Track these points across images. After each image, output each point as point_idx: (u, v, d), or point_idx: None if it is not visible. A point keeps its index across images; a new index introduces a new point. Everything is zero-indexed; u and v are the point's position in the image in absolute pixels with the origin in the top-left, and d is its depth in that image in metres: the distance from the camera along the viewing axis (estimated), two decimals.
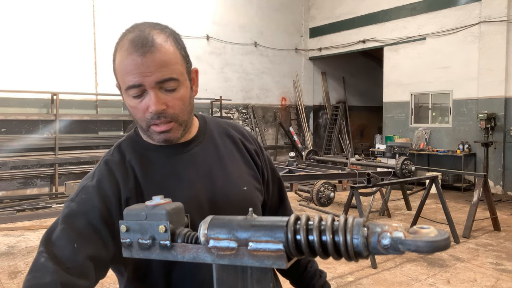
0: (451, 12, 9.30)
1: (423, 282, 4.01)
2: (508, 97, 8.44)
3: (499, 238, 5.44)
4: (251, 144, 1.15)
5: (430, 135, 9.83)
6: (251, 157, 1.13)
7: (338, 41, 11.88)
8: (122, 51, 0.92)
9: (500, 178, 8.61)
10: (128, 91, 0.93)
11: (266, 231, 0.67)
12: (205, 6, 10.40)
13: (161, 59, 0.90)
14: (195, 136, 1.07)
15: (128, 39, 0.92)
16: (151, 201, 0.77)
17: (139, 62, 0.89)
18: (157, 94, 0.91)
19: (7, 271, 4.27)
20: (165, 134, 0.96)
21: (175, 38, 0.98)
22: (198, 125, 1.10)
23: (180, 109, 0.96)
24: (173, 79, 0.92)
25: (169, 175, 1.00)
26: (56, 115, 7.90)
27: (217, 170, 1.05)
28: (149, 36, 0.91)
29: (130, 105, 0.96)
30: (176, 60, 0.94)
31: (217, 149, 1.09)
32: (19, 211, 6.82)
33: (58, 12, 8.21)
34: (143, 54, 0.89)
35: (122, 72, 0.93)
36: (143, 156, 1.02)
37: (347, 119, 13.26)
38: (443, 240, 0.57)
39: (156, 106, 0.91)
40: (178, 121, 0.97)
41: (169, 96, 0.93)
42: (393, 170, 6.05)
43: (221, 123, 1.17)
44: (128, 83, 0.91)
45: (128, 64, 0.90)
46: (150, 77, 0.90)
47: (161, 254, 0.75)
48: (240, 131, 1.17)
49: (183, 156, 1.03)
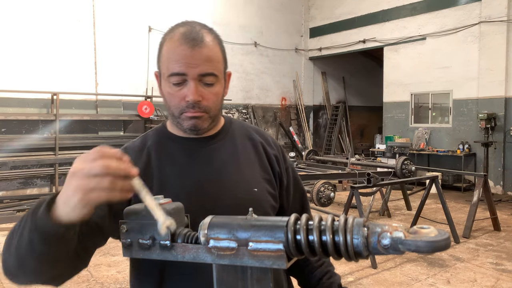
0: (451, 12, 9.30)
1: (423, 282, 4.01)
2: (508, 97, 8.44)
3: (499, 238, 5.43)
4: (272, 149, 1.17)
5: (430, 135, 9.83)
6: (269, 162, 1.14)
7: (338, 41, 11.88)
8: (172, 41, 0.99)
9: (500, 178, 8.61)
10: (170, 77, 0.99)
11: (266, 231, 0.67)
12: (205, 6, 10.40)
13: (207, 55, 0.99)
14: (216, 133, 1.12)
15: (179, 31, 1.00)
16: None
17: (188, 53, 0.97)
18: (196, 85, 0.99)
19: None
20: (195, 120, 1.02)
21: (219, 40, 1.06)
22: (223, 124, 1.15)
23: (213, 103, 1.03)
24: (214, 74, 1.00)
25: (181, 165, 1.05)
26: (56, 115, 7.90)
27: (230, 168, 1.08)
28: (199, 32, 1.00)
29: (168, 91, 1.02)
30: (218, 59, 1.02)
31: (235, 149, 1.12)
32: (19, 211, 6.82)
33: (58, 12, 8.21)
34: (193, 47, 0.97)
35: (168, 60, 0.99)
36: (163, 144, 1.09)
37: (347, 119, 13.25)
38: (443, 240, 0.57)
39: (194, 96, 0.98)
40: (209, 113, 1.03)
41: (206, 90, 1.01)
42: (393, 170, 6.05)
43: (245, 126, 1.21)
44: (173, 70, 0.98)
45: (177, 53, 0.98)
46: (195, 68, 0.97)
47: (161, 254, 0.75)
48: (263, 135, 1.20)
49: (200, 150, 1.08)
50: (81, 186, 0.69)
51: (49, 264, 0.78)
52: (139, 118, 8.90)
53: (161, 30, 9.58)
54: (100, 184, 0.68)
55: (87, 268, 4.36)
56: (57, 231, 0.73)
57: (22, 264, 0.78)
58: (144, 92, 9.35)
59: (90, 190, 0.68)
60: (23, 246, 0.76)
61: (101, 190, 0.68)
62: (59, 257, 0.78)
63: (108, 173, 0.68)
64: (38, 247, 0.74)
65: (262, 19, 11.59)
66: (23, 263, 0.78)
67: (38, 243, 0.74)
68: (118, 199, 0.71)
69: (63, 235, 0.74)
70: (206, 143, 1.09)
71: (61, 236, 0.74)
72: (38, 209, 0.74)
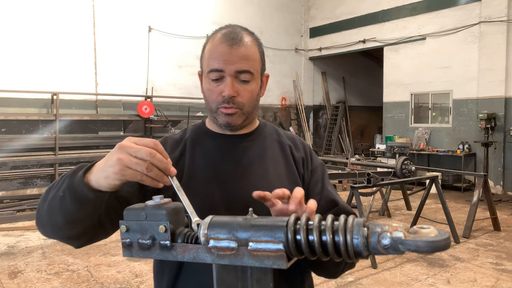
0: (451, 12, 9.30)
1: (423, 282, 4.01)
2: (508, 97, 8.44)
3: (499, 238, 5.44)
4: (299, 152, 1.21)
5: (430, 135, 9.83)
6: (296, 165, 1.18)
7: (338, 41, 11.88)
8: (214, 40, 1.08)
9: (500, 178, 8.61)
10: (209, 74, 1.06)
11: (266, 231, 0.67)
12: (205, 6, 10.40)
13: (244, 53, 1.05)
14: (250, 133, 1.18)
15: (221, 32, 1.08)
16: (151, 201, 0.77)
17: (226, 51, 1.04)
18: (232, 81, 1.05)
19: (7, 271, 4.28)
20: (229, 116, 1.08)
21: (259, 43, 1.13)
22: (257, 126, 1.21)
23: (247, 100, 1.08)
24: (249, 72, 1.06)
25: (211, 159, 1.12)
26: (56, 115, 7.90)
27: (256, 168, 1.13)
28: (239, 33, 1.07)
29: (207, 88, 1.09)
30: (255, 58, 1.09)
31: (264, 150, 1.17)
32: (19, 211, 6.82)
33: (58, 12, 8.21)
34: (231, 45, 1.04)
35: (209, 57, 1.07)
36: (199, 138, 1.17)
37: (347, 119, 13.25)
38: (443, 240, 0.57)
39: (230, 91, 1.04)
40: (243, 110, 1.08)
41: (242, 86, 1.07)
42: (393, 170, 6.05)
43: (278, 131, 1.26)
44: (212, 66, 1.05)
45: (216, 51, 1.05)
46: (232, 65, 1.04)
47: (161, 254, 0.75)
48: (293, 139, 1.24)
49: (231, 147, 1.14)
50: (123, 161, 0.76)
51: (72, 224, 0.87)
52: (139, 118, 8.90)
53: (161, 30, 9.60)
54: (139, 166, 0.76)
55: (87, 268, 4.36)
56: (86, 194, 0.81)
57: (51, 216, 0.87)
58: (144, 92, 9.35)
59: (128, 166, 0.76)
60: (56, 200, 0.85)
61: (137, 170, 0.76)
62: (82, 219, 0.86)
63: (150, 160, 0.76)
64: (68, 204, 0.83)
65: (262, 19, 11.59)
66: (52, 215, 0.87)
67: (68, 201, 0.83)
68: (148, 183, 0.78)
69: (91, 200, 0.82)
70: (238, 141, 1.15)
71: (89, 200, 0.82)
72: (78, 171, 0.83)
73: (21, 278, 4.08)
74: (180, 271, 1.05)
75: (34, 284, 3.93)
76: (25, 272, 4.24)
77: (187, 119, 9.58)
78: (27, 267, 4.39)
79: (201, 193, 1.05)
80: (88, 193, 0.81)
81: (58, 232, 0.90)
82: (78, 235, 0.92)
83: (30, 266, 4.41)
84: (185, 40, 9.99)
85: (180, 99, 9.82)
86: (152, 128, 9.16)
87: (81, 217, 0.86)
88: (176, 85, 9.97)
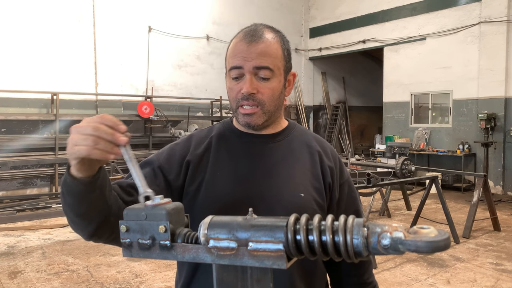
0: (451, 12, 9.30)
1: (423, 282, 4.01)
2: (508, 97, 8.44)
3: (499, 238, 5.44)
4: (329, 160, 1.17)
5: (430, 135, 9.83)
6: (322, 172, 1.14)
7: (338, 41, 11.88)
8: (235, 39, 1.08)
9: (500, 178, 8.61)
10: (230, 72, 1.06)
11: (266, 231, 0.67)
12: (205, 6, 10.40)
13: (263, 49, 1.03)
14: (277, 133, 1.15)
15: (243, 31, 1.08)
16: (151, 201, 0.77)
17: (245, 48, 1.03)
18: (251, 78, 1.03)
19: (7, 271, 4.27)
20: (248, 117, 1.06)
21: (282, 39, 1.10)
22: (285, 127, 1.18)
23: (268, 97, 1.05)
24: (269, 68, 1.04)
25: (236, 158, 1.11)
26: (56, 115, 7.90)
27: (280, 170, 1.10)
28: (260, 30, 1.06)
29: (228, 86, 1.08)
30: (276, 55, 1.05)
31: (290, 152, 1.14)
32: (19, 211, 6.82)
33: (58, 12, 8.21)
34: (250, 42, 1.03)
35: (230, 55, 1.07)
36: (225, 136, 1.15)
37: (347, 119, 13.26)
38: (443, 240, 0.57)
39: (248, 88, 1.02)
40: (264, 108, 1.06)
41: (262, 83, 1.04)
42: (393, 170, 6.05)
43: (308, 133, 1.23)
44: (232, 64, 1.05)
45: (236, 48, 1.05)
46: (250, 62, 1.02)
47: (161, 254, 0.75)
48: (323, 145, 1.20)
49: (257, 147, 1.12)
50: (72, 140, 0.78)
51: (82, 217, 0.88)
52: (139, 118, 8.90)
53: (161, 30, 9.60)
54: (85, 141, 0.76)
55: (87, 268, 4.36)
56: (75, 185, 0.82)
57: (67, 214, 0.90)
58: (144, 92, 9.36)
59: (76, 144, 0.77)
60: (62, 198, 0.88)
61: (83, 146, 0.76)
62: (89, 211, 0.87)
63: (95, 134, 0.76)
64: (68, 199, 0.86)
65: (262, 19, 11.56)
66: (67, 214, 0.90)
67: (67, 196, 0.85)
68: (98, 157, 0.77)
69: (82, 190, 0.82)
70: (264, 141, 1.13)
71: (80, 190, 0.83)
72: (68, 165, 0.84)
73: (21, 278, 4.08)
74: (198, 268, 1.07)
75: (34, 284, 3.93)
76: (25, 272, 4.24)
77: (187, 119, 9.58)
78: (27, 267, 4.39)
79: (223, 192, 1.05)
80: (74, 184, 0.82)
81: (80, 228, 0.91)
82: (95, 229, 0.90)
83: (30, 266, 4.41)
84: (185, 40, 9.99)
85: (180, 99, 9.83)
86: (152, 128, 9.16)
87: (87, 210, 0.86)
88: (176, 85, 9.97)
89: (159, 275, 4.07)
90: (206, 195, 1.05)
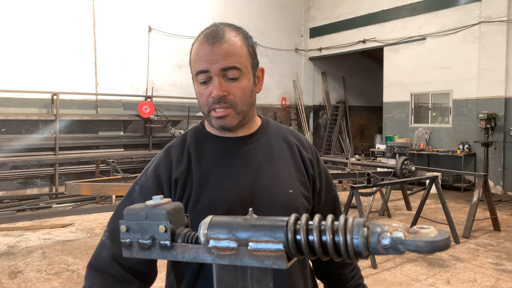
0: (451, 12, 9.30)
1: (423, 282, 4.01)
2: (508, 97, 8.44)
3: (499, 238, 5.44)
4: (307, 152, 1.18)
5: (430, 135, 9.83)
6: (304, 165, 1.15)
7: (338, 41, 11.88)
8: (197, 42, 1.05)
9: (500, 178, 8.61)
10: (197, 76, 1.04)
11: (266, 231, 0.67)
12: (205, 6, 10.40)
13: (228, 50, 1.01)
14: (253, 133, 1.13)
15: (203, 33, 1.05)
16: (151, 201, 0.77)
17: (209, 50, 1.01)
18: (220, 80, 1.01)
19: (7, 271, 4.27)
20: (222, 119, 1.04)
21: (245, 36, 1.08)
22: (259, 125, 1.16)
23: (240, 97, 1.04)
24: (236, 68, 1.02)
25: (219, 165, 1.08)
26: (56, 115, 7.90)
27: (266, 169, 1.09)
28: (221, 30, 1.03)
29: (197, 91, 1.06)
30: (241, 53, 1.04)
31: (271, 149, 1.13)
32: (19, 211, 6.82)
33: (58, 12, 8.21)
34: (213, 44, 1.01)
35: (194, 60, 1.04)
36: (201, 143, 1.12)
37: (347, 119, 13.25)
38: (443, 240, 0.57)
39: (218, 91, 1.00)
40: (236, 109, 1.04)
41: (231, 84, 1.02)
42: (393, 170, 6.05)
43: (282, 128, 1.22)
44: (197, 68, 1.02)
45: (199, 52, 1.02)
46: (216, 64, 1.00)
47: (161, 254, 0.75)
48: (299, 138, 1.20)
49: (237, 149, 1.10)
50: None
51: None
52: (139, 118, 8.90)
53: (161, 30, 9.60)
54: None
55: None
56: None
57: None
58: (144, 92, 9.36)
59: None
60: None
61: None
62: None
63: None
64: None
65: (262, 19, 11.59)
66: None
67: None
68: None
69: None
70: (242, 143, 1.11)
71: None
72: None
73: (21, 278, 4.08)
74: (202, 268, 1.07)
75: (34, 284, 3.93)
76: (25, 272, 4.24)
77: (187, 119, 9.58)
78: (27, 267, 4.39)
79: (216, 200, 1.04)
80: None
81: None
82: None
83: (30, 266, 4.41)
84: (185, 40, 9.98)
85: (180, 99, 9.83)
86: (152, 128, 9.16)
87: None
88: (176, 85, 9.97)
89: (159, 275, 4.06)
90: (196, 210, 1.04)
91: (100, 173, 7.85)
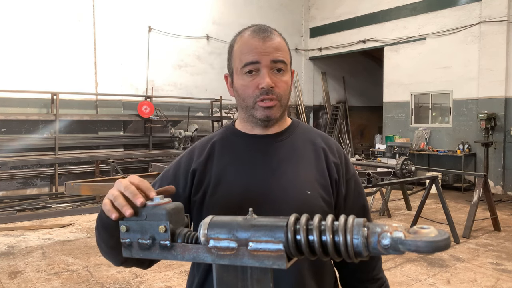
0: (451, 12, 9.30)
1: (423, 282, 4.01)
2: (508, 97, 8.44)
3: (499, 238, 5.44)
4: (334, 157, 1.17)
5: (430, 135, 9.83)
6: (328, 169, 1.14)
7: (338, 41, 11.88)
8: (243, 37, 1.09)
9: (500, 178, 8.61)
10: (243, 68, 1.06)
11: (266, 231, 0.67)
12: (205, 6, 10.40)
13: (277, 44, 1.07)
14: (281, 132, 1.15)
15: (249, 30, 1.10)
16: (151, 201, 0.77)
17: (260, 43, 1.05)
18: (269, 72, 1.05)
19: (7, 271, 4.28)
20: (269, 110, 1.07)
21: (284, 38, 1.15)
22: (288, 125, 1.18)
23: (284, 91, 1.08)
24: (284, 62, 1.07)
25: (239, 159, 1.11)
26: (56, 115, 7.90)
27: (286, 168, 1.10)
28: (268, 28, 1.10)
29: (241, 84, 1.08)
30: (286, 50, 1.11)
31: (295, 150, 1.14)
32: (19, 211, 6.82)
33: (58, 12, 8.21)
34: (264, 38, 1.06)
35: (241, 53, 1.07)
36: (228, 139, 1.16)
37: (347, 119, 13.26)
38: (443, 240, 0.56)
39: (268, 82, 1.04)
40: (281, 101, 1.08)
41: (277, 77, 1.07)
42: (393, 170, 6.04)
43: (312, 131, 1.23)
44: (246, 60, 1.05)
45: (249, 45, 1.06)
46: (267, 56, 1.05)
47: (161, 254, 0.75)
48: (328, 142, 1.20)
49: (260, 146, 1.13)
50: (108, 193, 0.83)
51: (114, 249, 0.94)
52: (139, 118, 8.90)
53: (161, 30, 9.60)
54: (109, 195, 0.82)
55: (87, 268, 4.36)
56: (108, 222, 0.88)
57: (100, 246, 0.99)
58: (144, 92, 9.36)
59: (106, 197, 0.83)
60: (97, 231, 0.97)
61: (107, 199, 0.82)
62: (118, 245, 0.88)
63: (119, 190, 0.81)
64: (101, 231, 0.95)
65: (262, 19, 11.58)
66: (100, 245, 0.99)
67: (100, 228, 0.95)
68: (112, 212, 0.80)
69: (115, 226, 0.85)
70: (269, 141, 1.13)
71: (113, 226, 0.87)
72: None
73: (21, 278, 4.08)
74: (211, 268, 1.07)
75: (34, 284, 3.93)
76: (25, 272, 4.24)
77: (187, 119, 9.58)
78: (27, 267, 4.39)
79: (230, 194, 1.05)
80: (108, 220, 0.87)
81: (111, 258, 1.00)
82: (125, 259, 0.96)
83: (30, 266, 4.41)
84: (185, 40, 9.99)
85: (180, 99, 9.83)
86: (152, 128, 9.16)
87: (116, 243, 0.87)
88: (176, 85, 9.97)
89: (159, 275, 4.07)
90: (212, 201, 1.05)
91: (100, 173, 7.85)
